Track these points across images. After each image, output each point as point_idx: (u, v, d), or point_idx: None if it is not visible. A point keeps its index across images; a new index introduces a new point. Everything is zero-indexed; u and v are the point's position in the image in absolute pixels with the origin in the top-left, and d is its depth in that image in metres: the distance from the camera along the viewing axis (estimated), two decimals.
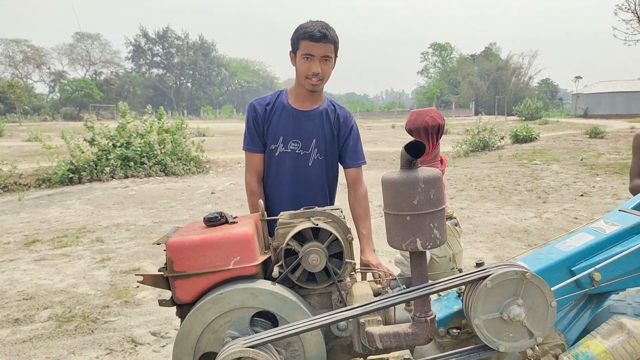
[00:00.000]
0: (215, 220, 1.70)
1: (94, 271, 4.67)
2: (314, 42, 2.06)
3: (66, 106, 57.25)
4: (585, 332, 1.75)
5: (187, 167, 12.34)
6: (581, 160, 12.73)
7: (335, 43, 2.12)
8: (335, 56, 2.18)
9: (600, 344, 1.58)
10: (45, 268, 4.80)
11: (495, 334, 1.46)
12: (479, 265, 1.58)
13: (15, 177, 10.57)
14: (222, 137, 21.76)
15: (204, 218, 1.73)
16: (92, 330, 3.37)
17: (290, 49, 2.17)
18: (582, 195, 8.23)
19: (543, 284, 1.44)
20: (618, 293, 1.87)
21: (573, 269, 1.72)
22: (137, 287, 4.22)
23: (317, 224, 1.65)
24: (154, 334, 3.30)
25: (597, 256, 1.72)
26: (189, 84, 77.70)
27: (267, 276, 1.65)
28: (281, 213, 1.78)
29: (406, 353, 1.95)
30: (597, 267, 1.64)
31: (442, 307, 1.79)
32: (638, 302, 1.85)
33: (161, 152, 12.06)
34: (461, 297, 1.65)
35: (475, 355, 1.51)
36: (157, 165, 11.91)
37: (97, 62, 67.21)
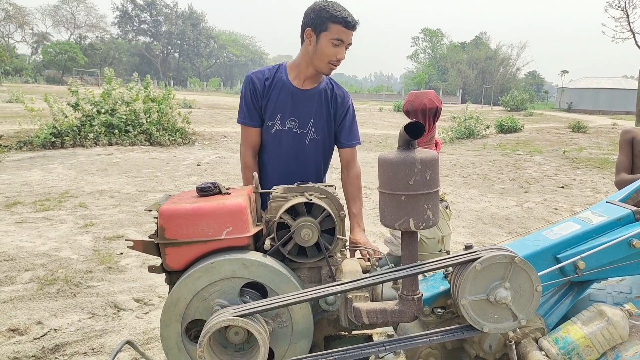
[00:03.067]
0: (208, 190, 1.69)
1: (76, 236, 4.63)
2: (348, 29, 2.04)
3: (49, 69, 55.79)
4: (565, 318, 1.80)
5: (173, 138, 12.19)
6: (563, 153, 12.94)
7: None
8: None
9: (580, 330, 1.63)
10: (26, 230, 4.74)
11: (480, 315, 1.49)
12: (467, 247, 1.61)
13: None
14: (209, 110, 21.51)
15: (197, 187, 1.72)
16: (74, 294, 3.36)
17: (309, 27, 2.07)
18: (562, 187, 8.38)
19: (530, 268, 1.48)
20: (599, 282, 1.92)
21: (558, 256, 1.76)
22: (121, 253, 4.20)
23: (311, 199, 1.66)
24: (137, 300, 3.31)
25: (582, 245, 1.75)
26: (176, 54, 76.22)
27: (258, 248, 1.65)
28: (275, 187, 1.78)
29: (389, 329, 1.99)
30: (582, 255, 1.68)
31: (428, 287, 1.83)
32: (617, 292, 1.91)
33: (147, 121, 11.89)
34: (448, 278, 1.68)
35: (459, 335, 1.54)
36: (142, 134, 11.75)
37: (82, 25, 65.43)
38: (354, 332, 1.87)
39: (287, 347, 1.58)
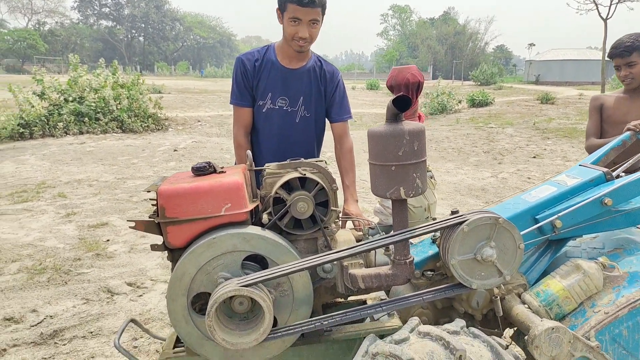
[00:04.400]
0: (204, 170, 1.75)
1: (59, 226, 4.60)
2: (302, 7, 2.08)
3: (7, 57, 53.70)
4: (544, 274, 1.93)
5: (146, 124, 12.01)
6: (534, 124, 13.27)
7: (322, 6, 2.15)
8: (323, 17, 2.21)
9: (559, 283, 1.76)
10: (7, 223, 4.69)
11: (468, 273, 1.61)
12: (454, 213, 1.71)
13: None
14: (180, 95, 21.14)
15: (192, 167, 1.77)
16: (65, 282, 3.37)
17: (277, 8, 2.17)
18: (534, 157, 8.66)
19: (513, 228, 1.59)
20: (575, 239, 2.06)
21: (537, 217, 1.88)
22: (107, 240, 4.21)
23: (305, 174, 1.73)
24: (129, 284, 3.35)
25: (559, 206, 1.88)
26: (141, 38, 74.19)
27: (255, 223, 1.72)
28: (267, 164, 1.84)
29: (382, 295, 2.10)
30: (559, 215, 1.81)
31: (417, 252, 1.94)
32: (591, 248, 2.06)
33: (117, 108, 11.66)
34: (436, 242, 1.79)
35: (449, 292, 1.66)
36: (113, 122, 11.54)
37: (40, 11, 62.96)
38: (350, 298, 1.97)
39: (289, 314, 1.66)
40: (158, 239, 1.64)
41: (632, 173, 1.95)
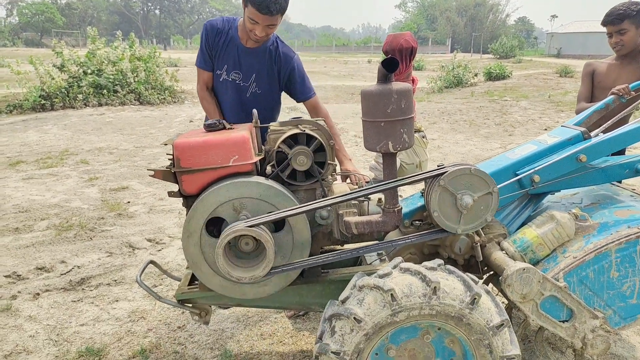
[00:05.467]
0: (214, 126, 1.95)
1: (83, 189, 4.89)
2: (261, 13, 2.18)
3: (26, 31, 54.26)
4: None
5: (162, 97, 12.25)
6: (549, 97, 13.17)
7: (282, 11, 2.22)
8: (282, 17, 2.28)
9: (534, 231, 1.94)
10: (35, 186, 4.99)
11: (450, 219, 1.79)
12: (439, 166, 1.89)
13: None
14: (195, 69, 21.28)
15: (204, 124, 1.97)
16: (90, 238, 3.65)
17: None
18: (545, 129, 8.68)
19: (485, 174, 1.76)
20: (554, 194, 2.23)
21: (518, 173, 2.05)
22: (128, 202, 4.47)
23: (305, 130, 1.92)
24: (149, 240, 3.61)
25: (538, 162, 2.05)
26: (157, 11, 74.08)
27: (260, 175, 1.92)
28: (272, 123, 2.03)
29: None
30: (536, 169, 1.97)
31: (407, 204, 2.13)
32: (571, 203, 2.22)
33: (135, 81, 11.90)
34: (424, 195, 1.97)
35: (433, 235, 1.85)
36: (131, 94, 11.79)
37: None
38: (346, 245, 2.17)
39: (289, 254, 1.87)
40: (174, 187, 1.85)
41: None
